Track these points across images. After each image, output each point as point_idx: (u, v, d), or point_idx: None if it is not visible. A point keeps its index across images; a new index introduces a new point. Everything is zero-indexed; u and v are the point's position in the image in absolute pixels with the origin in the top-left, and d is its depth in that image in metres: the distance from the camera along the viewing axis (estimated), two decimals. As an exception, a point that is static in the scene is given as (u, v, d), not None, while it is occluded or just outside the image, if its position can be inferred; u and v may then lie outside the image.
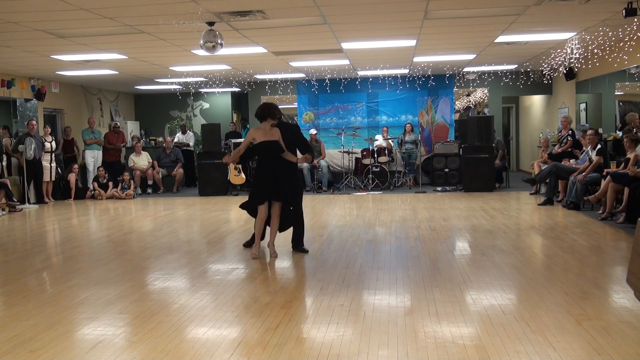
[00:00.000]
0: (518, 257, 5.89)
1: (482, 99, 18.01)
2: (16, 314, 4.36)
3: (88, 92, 15.27)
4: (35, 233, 8.57)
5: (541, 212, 9.06)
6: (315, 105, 15.11)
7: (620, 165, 8.47)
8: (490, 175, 12.09)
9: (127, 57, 10.36)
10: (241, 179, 12.65)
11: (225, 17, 7.22)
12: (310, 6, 6.87)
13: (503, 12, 7.57)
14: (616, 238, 6.88)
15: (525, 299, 4.44)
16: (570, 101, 13.34)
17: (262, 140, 6.07)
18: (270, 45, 9.64)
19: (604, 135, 10.70)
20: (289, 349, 3.50)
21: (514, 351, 3.38)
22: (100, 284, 5.28)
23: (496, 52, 11.05)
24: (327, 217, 9.19)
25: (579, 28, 8.74)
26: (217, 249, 6.91)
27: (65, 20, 7.21)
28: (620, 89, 11.02)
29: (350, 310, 4.22)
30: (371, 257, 6.07)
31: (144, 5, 6.61)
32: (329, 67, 12.62)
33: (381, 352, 3.42)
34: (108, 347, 3.62)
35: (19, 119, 12.43)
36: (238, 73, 13.32)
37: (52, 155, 12.16)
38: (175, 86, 15.58)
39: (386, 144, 13.24)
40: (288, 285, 5.00)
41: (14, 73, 11.95)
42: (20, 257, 6.66)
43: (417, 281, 5.00)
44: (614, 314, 4.06)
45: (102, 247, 7.13)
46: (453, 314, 4.09)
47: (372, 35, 8.97)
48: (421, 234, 7.35)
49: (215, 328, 3.95)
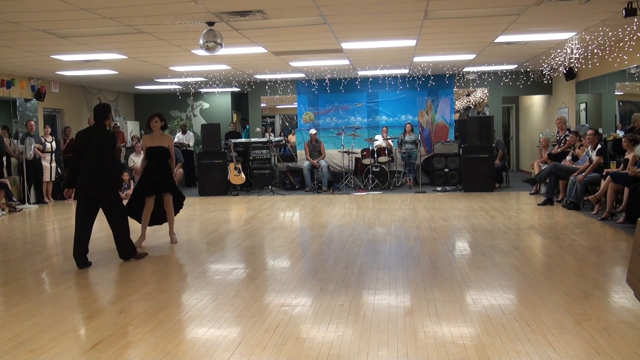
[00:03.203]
0: (518, 257, 5.90)
1: (482, 99, 18.02)
2: (16, 314, 4.36)
3: (88, 92, 15.28)
4: (35, 233, 8.57)
5: (541, 212, 9.06)
6: (315, 105, 15.10)
7: (620, 165, 8.47)
8: (490, 175, 12.09)
9: (127, 57, 10.37)
10: (241, 179, 12.68)
11: (225, 17, 7.22)
12: (310, 6, 6.87)
13: (503, 12, 7.57)
14: (616, 238, 6.88)
15: (525, 299, 4.44)
16: (570, 101, 13.34)
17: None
18: (270, 45, 9.64)
19: (604, 135, 10.70)
20: (289, 349, 3.50)
21: (514, 351, 3.38)
22: (100, 284, 5.28)
23: (496, 52, 11.05)
24: (327, 217, 9.19)
25: (579, 28, 8.74)
26: (217, 249, 6.91)
27: (65, 20, 7.21)
28: (620, 89, 11.02)
29: (350, 310, 4.22)
30: (371, 257, 6.08)
31: (143, 5, 6.61)
32: (329, 67, 12.62)
33: (381, 352, 3.42)
34: (108, 347, 3.62)
35: (18, 119, 12.43)
36: (238, 73, 13.32)
37: (52, 155, 12.17)
38: (175, 86, 15.58)
39: (386, 144, 13.24)
40: (288, 285, 5.00)
41: (14, 73, 11.95)
42: (20, 257, 6.66)
43: (417, 281, 5.00)
44: (614, 314, 4.06)
45: (102, 247, 7.12)
46: (453, 314, 4.09)
47: (372, 35, 8.97)
48: (421, 234, 7.35)
49: (215, 328, 3.95)
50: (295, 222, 9.06)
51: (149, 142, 6.92)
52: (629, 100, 11.23)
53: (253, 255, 6.48)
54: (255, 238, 7.48)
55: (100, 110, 6.10)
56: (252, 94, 15.80)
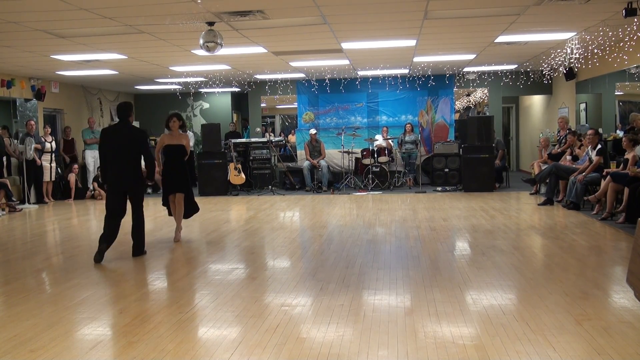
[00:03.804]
0: (518, 257, 5.90)
1: (482, 99, 18.01)
2: (16, 314, 4.36)
3: (88, 92, 15.27)
4: (35, 233, 8.57)
5: (541, 212, 9.06)
6: (315, 105, 15.10)
7: (620, 165, 8.47)
8: (490, 175, 12.09)
9: (127, 57, 10.36)
10: (241, 179, 12.68)
11: (225, 17, 7.22)
12: (310, 6, 6.87)
13: (503, 12, 7.57)
14: (616, 238, 6.88)
15: (525, 299, 4.44)
16: (570, 101, 13.34)
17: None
18: (270, 45, 9.64)
19: (604, 135, 10.70)
20: (289, 349, 3.50)
21: (514, 351, 3.38)
22: (100, 284, 5.28)
23: (496, 52, 11.05)
24: (327, 217, 9.19)
25: (579, 28, 8.74)
26: (217, 249, 6.91)
27: (65, 20, 7.21)
28: (620, 89, 11.02)
29: (350, 310, 4.22)
30: (371, 257, 6.08)
31: (143, 5, 6.61)
32: (329, 67, 12.62)
33: (381, 352, 3.42)
34: (108, 347, 3.62)
35: (18, 119, 12.43)
36: (238, 73, 13.32)
37: (51, 155, 12.17)
38: (175, 86, 15.58)
39: (386, 144, 13.24)
40: (288, 285, 5.00)
41: (14, 73, 11.95)
42: (20, 257, 6.67)
43: (417, 281, 5.00)
44: (614, 314, 4.06)
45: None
46: (453, 314, 4.09)
47: (372, 35, 8.97)
48: (421, 234, 7.35)
49: (215, 328, 3.95)
50: (295, 222, 9.06)
51: (168, 140, 7.37)
52: (629, 100, 11.23)
53: (253, 255, 6.48)
54: (255, 238, 7.48)
55: (123, 108, 6.47)
56: (252, 94, 15.80)
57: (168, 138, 7.37)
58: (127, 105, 6.50)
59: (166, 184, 7.42)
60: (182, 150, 7.32)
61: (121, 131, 6.39)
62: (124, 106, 6.48)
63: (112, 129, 6.68)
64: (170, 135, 7.38)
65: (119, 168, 6.29)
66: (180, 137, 7.36)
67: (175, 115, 7.47)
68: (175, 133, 7.36)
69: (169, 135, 7.40)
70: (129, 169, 6.30)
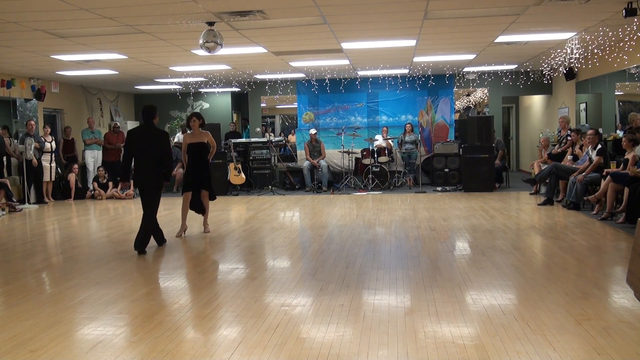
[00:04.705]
0: (518, 257, 5.90)
1: (482, 99, 18.02)
2: (16, 314, 4.36)
3: (88, 92, 15.27)
4: (35, 233, 8.57)
5: (541, 212, 9.06)
6: (315, 105, 15.10)
7: (620, 165, 8.47)
8: (490, 175, 12.10)
9: (127, 57, 10.36)
10: (241, 179, 12.68)
11: (225, 17, 7.22)
12: (310, 6, 6.87)
13: (503, 12, 7.57)
14: (616, 238, 6.88)
15: (525, 299, 4.44)
16: (570, 101, 13.34)
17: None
18: (270, 45, 9.64)
19: (604, 135, 10.70)
20: (289, 349, 3.50)
21: (514, 351, 3.38)
22: (100, 284, 5.28)
23: (496, 52, 11.05)
24: (327, 217, 9.19)
25: (579, 28, 8.74)
26: (217, 249, 6.91)
27: (65, 20, 7.21)
28: (620, 89, 11.02)
29: (350, 310, 4.22)
30: (371, 257, 6.08)
31: (143, 5, 6.61)
32: (329, 67, 12.61)
33: (381, 352, 3.42)
34: (108, 347, 3.62)
35: (19, 119, 12.43)
36: (238, 73, 13.32)
37: (51, 155, 12.17)
38: (175, 86, 15.58)
39: (386, 144, 13.24)
40: (288, 285, 5.00)
41: (14, 73, 11.95)
42: (20, 257, 6.66)
43: (417, 281, 5.00)
44: (614, 314, 4.06)
45: (102, 247, 7.13)
46: (453, 314, 4.09)
47: (372, 35, 8.97)
48: (421, 234, 7.35)
49: (215, 328, 3.95)
50: (295, 222, 9.06)
51: (190, 139, 7.69)
52: (629, 100, 11.23)
53: (253, 255, 6.48)
54: (255, 238, 7.48)
55: (148, 111, 6.88)
56: (252, 94, 15.80)
57: (190, 137, 7.70)
58: (151, 108, 6.90)
59: (189, 181, 7.73)
60: (204, 148, 7.66)
61: (145, 132, 6.78)
62: (149, 109, 6.88)
63: (138, 130, 7.03)
64: (192, 134, 7.70)
65: (142, 167, 6.72)
66: (201, 135, 7.68)
67: (195, 114, 7.75)
68: (197, 132, 7.66)
69: (190, 134, 7.73)
70: (148, 168, 6.71)
